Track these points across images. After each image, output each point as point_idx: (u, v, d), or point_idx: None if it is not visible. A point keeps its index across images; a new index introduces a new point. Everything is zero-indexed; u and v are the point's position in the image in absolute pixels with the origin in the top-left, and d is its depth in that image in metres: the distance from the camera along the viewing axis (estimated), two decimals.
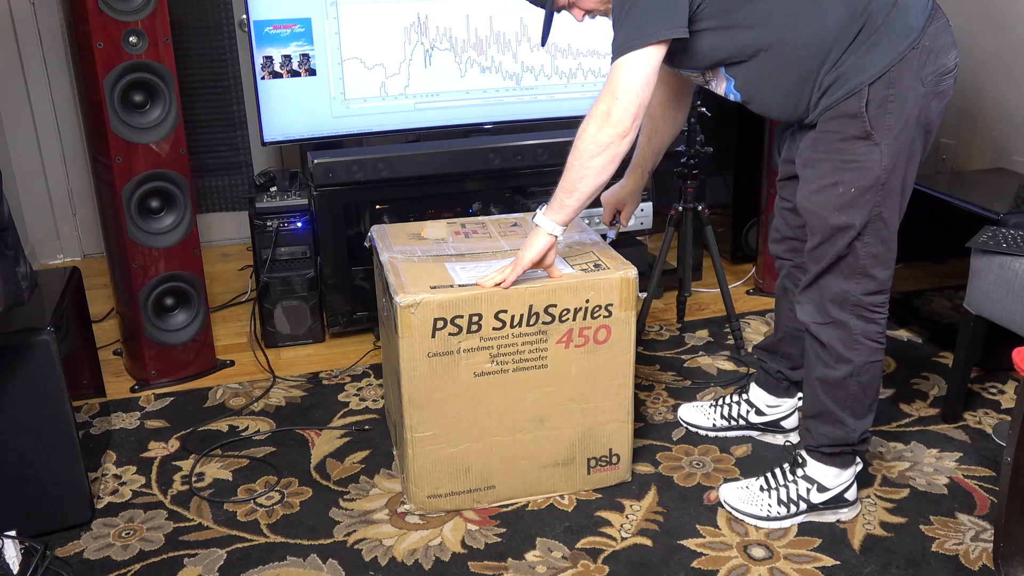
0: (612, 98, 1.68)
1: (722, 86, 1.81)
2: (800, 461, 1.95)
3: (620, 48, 1.68)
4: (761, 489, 1.95)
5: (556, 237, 1.81)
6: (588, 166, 1.72)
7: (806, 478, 1.92)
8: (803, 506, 1.92)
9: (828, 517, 1.94)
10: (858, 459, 1.93)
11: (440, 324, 1.82)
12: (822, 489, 1.91)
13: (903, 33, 1.63)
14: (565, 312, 1.88)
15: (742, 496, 1.96)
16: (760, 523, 1.92)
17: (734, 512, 1.95)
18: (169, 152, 2.42)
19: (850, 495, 1.93)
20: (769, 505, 1.93)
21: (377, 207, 2.84)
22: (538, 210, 1.82)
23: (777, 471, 1.97)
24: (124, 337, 2.66)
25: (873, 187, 1.69)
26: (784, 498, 1.92)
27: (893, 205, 1.72)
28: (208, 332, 2.65)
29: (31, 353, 1.84)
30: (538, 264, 1.83)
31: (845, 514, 1.94)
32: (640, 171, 2.16)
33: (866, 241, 1.73)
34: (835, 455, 1.90)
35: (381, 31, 2.75)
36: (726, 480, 2.07)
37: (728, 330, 2.79)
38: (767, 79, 1.73)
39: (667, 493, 2.05)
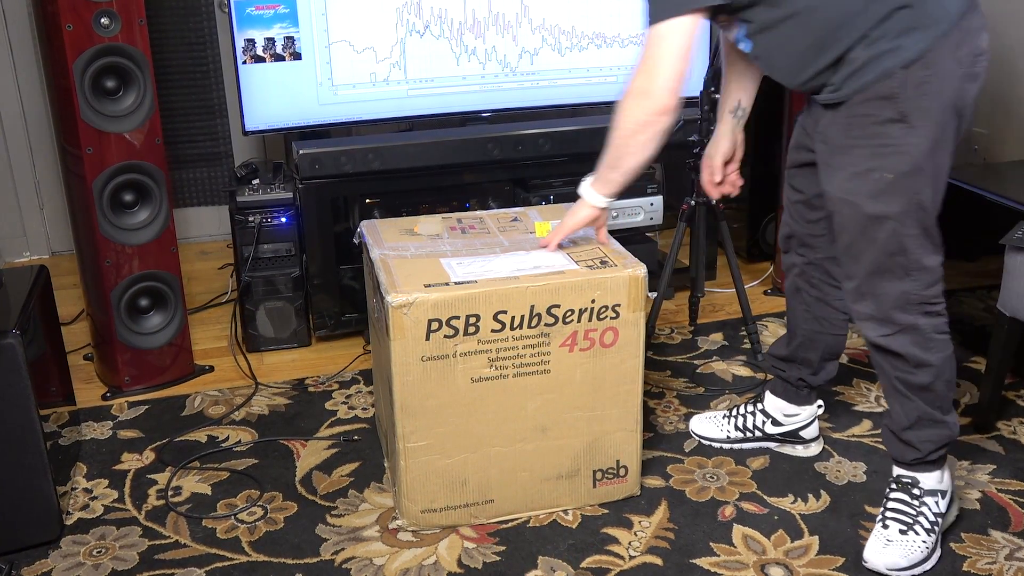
0: (649, 74, 1.71)
1: (734, 32, 1.82)
2: (908, 482, 1.88)
3: (656, 14, 1.69)
4: (902, 533, 1.85)
5: (603, 209, 1.94)
6: (629, 144, 1.80)
7: (929, 493, 1.87)
8: (941, 521, 1.89)
9: (951, 514, 1.94)
10: None
11: (435, 325, 1.82)
12: (944, 495, 1.89)
13: (941, 14, 1.65)
14: (569, 313, 1.88)
15: (895, 551, 1.84)
16: (929, 564, 1.85)
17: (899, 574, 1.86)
18: (144, 142, 2.42)
19: (946, 484, 1.91)
20: (923, 542, 1.85)
21: (367, 201, 2.84)
22: (584, 179, 1.91)
23: (897, 505, 1.88)
24: (95, 341, 2.66)
25: (911, 173, 1.70)
26: (927, 526, 1.86)
27: (930, 191, 1.73)
28: (185, 335, 2.65)
29: None
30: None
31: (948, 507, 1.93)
32: (729, 116, 2.10)
33: (911, 233, 1.73)
34: (940, 458, 1.88)
35: (371, 12, 2.75)
36: (885, 543, 1.85)
37: (744, 333, 2.79)
38: (783, 38, 1.74)
39: (679, 508, 2.05)
